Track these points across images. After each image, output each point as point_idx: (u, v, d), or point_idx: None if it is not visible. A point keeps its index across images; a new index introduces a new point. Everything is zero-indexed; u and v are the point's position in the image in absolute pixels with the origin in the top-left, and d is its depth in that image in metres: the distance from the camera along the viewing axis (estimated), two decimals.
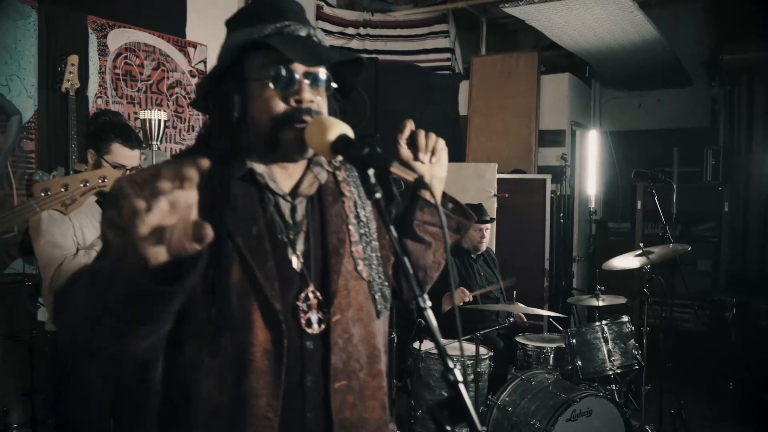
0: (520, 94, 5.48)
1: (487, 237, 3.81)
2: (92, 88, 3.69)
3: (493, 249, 4.31)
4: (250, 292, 1.03)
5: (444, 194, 1.32)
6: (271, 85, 1.06)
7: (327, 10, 5.59)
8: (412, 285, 0.93)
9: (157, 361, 1.07)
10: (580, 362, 3.26)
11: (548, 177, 4.91)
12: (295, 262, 1.09)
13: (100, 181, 1.67)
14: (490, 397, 3.15)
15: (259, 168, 1.10)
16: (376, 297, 1.18)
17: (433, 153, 1.23)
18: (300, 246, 1.11)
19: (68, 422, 2.28)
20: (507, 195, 4.64)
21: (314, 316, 1.08)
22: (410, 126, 1.24)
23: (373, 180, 0.98)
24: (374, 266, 1.18)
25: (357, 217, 1.18)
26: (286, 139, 1.06)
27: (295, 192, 1.13)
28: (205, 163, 0.76)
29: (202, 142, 1.15)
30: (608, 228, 6.30)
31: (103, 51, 3.76)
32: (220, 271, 1.01)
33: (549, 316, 3.88)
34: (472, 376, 3.08)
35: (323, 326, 1.09)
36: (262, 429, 1.02)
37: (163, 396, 1.06)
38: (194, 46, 4.38)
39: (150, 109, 3.75)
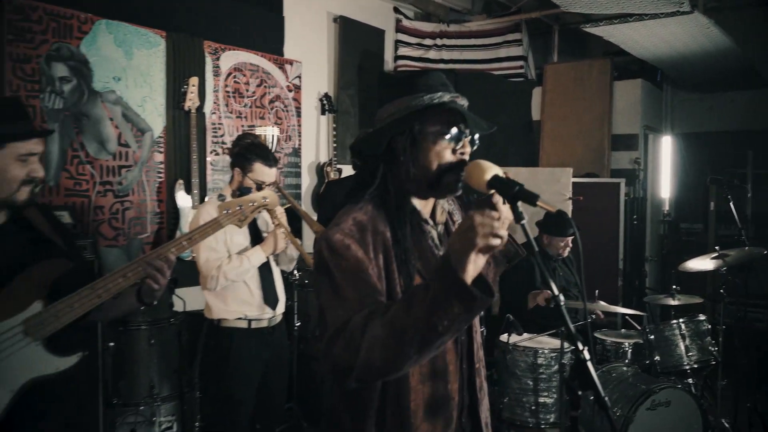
0: (592, 99, 5.67)
1: (570, 246, 4.06)
2: (208, 106, 4.16)
3: None
4: None
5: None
6: (447, 140, 1.37)
7: (405, 22, 5.93)
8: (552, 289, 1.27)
9: None
10: (658, 357, 3.48)
11: (622, 181, 5.10)
12: None
13: (263, 200, 2.06)
14: None
15: (418, 206, 1.43)
16: None
17: None
18: None
19: (224, 394, 2.73)
20: (582, 198, 4.86)
21: None
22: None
23: (520, 210, 1.31)
24: None
25: None
26: (448, 181, 1.38)
27: (434, 220, 1.48)
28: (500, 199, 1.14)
29: (367, 182, 1.43)
30: (680, 229, 6.39)
31: (216, 72, 4.22)
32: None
33: (625, 314, 4.10)
34: (556, 367, 3.36)
35: None
36: (449, 406, 1.39)
37: (381, 391, 1.37)
38: (291, 63, 4.80)
39: (264, 126, 4.20)
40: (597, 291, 3.60)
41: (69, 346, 1.62)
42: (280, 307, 2.87)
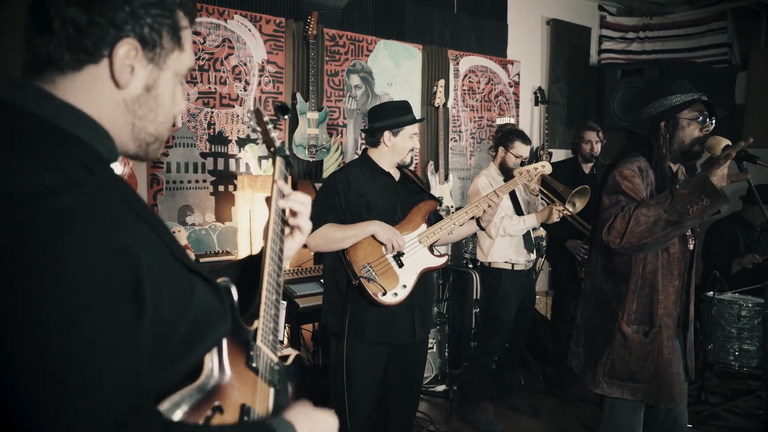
0: None
1: None
2: (450, 102, 5.18)
3: None
4: None
5: None
6: (697, 122, 2.17)
7: (609, 18, 6.51)
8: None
9: None
10: None
11: None
12: None
13: (543, 167, 2.95)
14: None
15: (672, 166, 2.24)
16: None
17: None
18: None
19: (492, 315, 3.70)
20: None
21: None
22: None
23: (745, 166, 2.07)
24: None
25: None
26: (696, 149, 2.18)
27: (676, 176, 2.27)
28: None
29: (639, 149, 2.28)
30: None
31: (456, 74, 5.23)
32: None
33: None
34: (760, 319, 3.89)
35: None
36: (677, 294, 2.18)
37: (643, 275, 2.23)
38: (512, 63, 5.67)
39: (500, 116, 5.13)
40: None
41: (438, 254, 2.66)
42: (534, 255, 3.77)
